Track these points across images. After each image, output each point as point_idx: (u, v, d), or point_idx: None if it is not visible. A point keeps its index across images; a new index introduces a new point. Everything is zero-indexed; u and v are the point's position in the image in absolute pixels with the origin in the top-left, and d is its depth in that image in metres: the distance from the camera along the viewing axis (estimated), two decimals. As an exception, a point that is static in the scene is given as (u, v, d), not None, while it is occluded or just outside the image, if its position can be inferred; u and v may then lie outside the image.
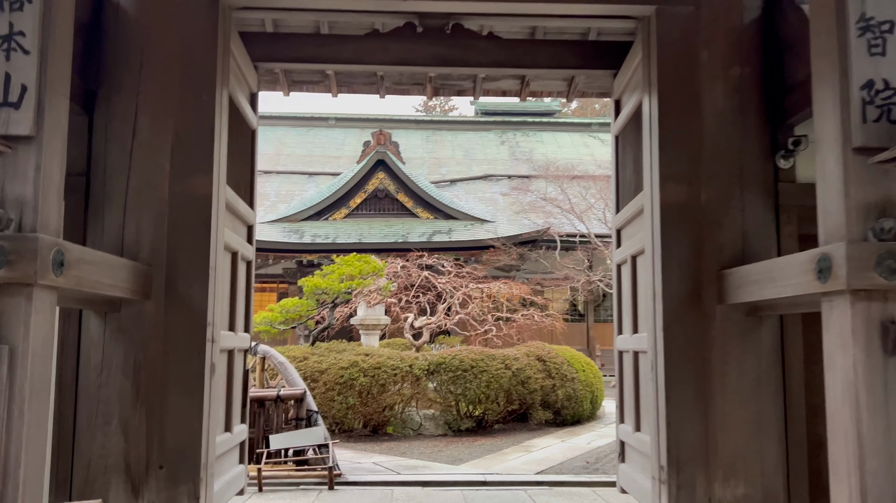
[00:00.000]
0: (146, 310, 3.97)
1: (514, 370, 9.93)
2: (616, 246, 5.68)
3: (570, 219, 19.46)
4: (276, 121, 29.87)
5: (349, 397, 9.18)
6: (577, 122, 30.57)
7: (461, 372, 9.67)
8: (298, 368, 9.49)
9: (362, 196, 20.44)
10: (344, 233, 18.99)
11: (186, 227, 4.12)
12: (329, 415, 9.28)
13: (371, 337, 12.94)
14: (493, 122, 30.17)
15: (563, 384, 10.45)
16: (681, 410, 4.14)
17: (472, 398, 9.61)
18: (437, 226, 19.80)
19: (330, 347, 10.11)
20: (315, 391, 9.30)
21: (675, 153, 4.31)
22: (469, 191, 24.30)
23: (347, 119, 29.51)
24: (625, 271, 5.34)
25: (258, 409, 7.08)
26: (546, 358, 10.51)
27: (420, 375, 9.58)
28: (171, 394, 4.00)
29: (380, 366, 9.44)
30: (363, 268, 10.03)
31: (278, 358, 7.71)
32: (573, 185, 20.15)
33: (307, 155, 27.19)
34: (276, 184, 24.73)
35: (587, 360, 11.58)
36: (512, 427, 10.28)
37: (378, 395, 9.33)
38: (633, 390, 5.01)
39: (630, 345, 5.07)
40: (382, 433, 9.70)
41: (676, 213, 4.26)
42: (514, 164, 26.50)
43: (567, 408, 10.53)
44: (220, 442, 4.52)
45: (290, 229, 19.23)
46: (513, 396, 9.94)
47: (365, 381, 9.24)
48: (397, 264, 12.41)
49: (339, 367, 9.37)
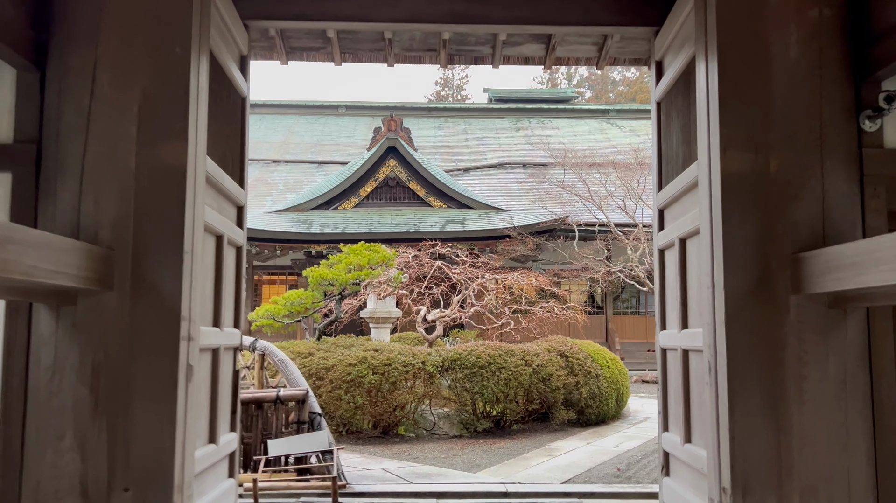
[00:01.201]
0: (107, 302, 3.33)
1: (534, 367, 9.25)
2: (658, 228, 4.96)
3: (588, 207, 18.74)
4: (284, 109, 29.31)
5: (357, 396, 8.54)
6: (594, 109, 29.76)
7: (478, 369, 9.01)
8: (303, 365, 8.86)
9: (373, 184, 19.79)
10: (354, 222, 18.35)
11: (157, 203, 3.46)
12: (336, 416, 8.65)
13: (381, 330, 12.30)
14: (507, 110, 29.43)
15: (587, 381, 9.76)
16: (748, 421, 3.44)
17: (489, 397, 8.94)
18: (450, 215, 19.12)
19: (337, 342, 9.47)
20: (321, 390, 8.67)
21: (738, 114, 3.60)
22: (483, 179, 23.61)
23: (358, 107, 28.86)
24: (670, 257, 4.63)
25: (256, 412, 6.45)
26: (568, 353, 9.82)
27: (433, 372, 8.92)
28: (137, 403, 3.35)
29: (390, 363, 8.78)
30: (372, 257, 9.38)
31: (278, 355, 7.07)
32: (591, 172, 19.43)
33: (316, 143, 26.58)
34: (285, 173, 24.13)
35: (611, 356, 10.88)
36: (532, 427, 9.61)
37: (388, 394, 8.68)
38: (681, 395, 4.32)
39: (678, 342, 4.37)
40: (393, 434, 9.05)
41: (741, 186, 3.56)
42: (530, 152, 25.78)
43: (591, 408, 9.84)
44: (202, 456, 3.87)
45: (298, 219, 18.61)
46: (533, 395, 9.26)
47: (374, 379, 8.60)
48: (409, 254, 11.74)
49: (346, 364, 8.72)
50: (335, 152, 25.16)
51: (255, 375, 7.28)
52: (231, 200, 4.57)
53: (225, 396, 4.44)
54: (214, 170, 4.02)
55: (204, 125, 3.78)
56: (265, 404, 6.52)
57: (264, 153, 25.48)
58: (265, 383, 7.30)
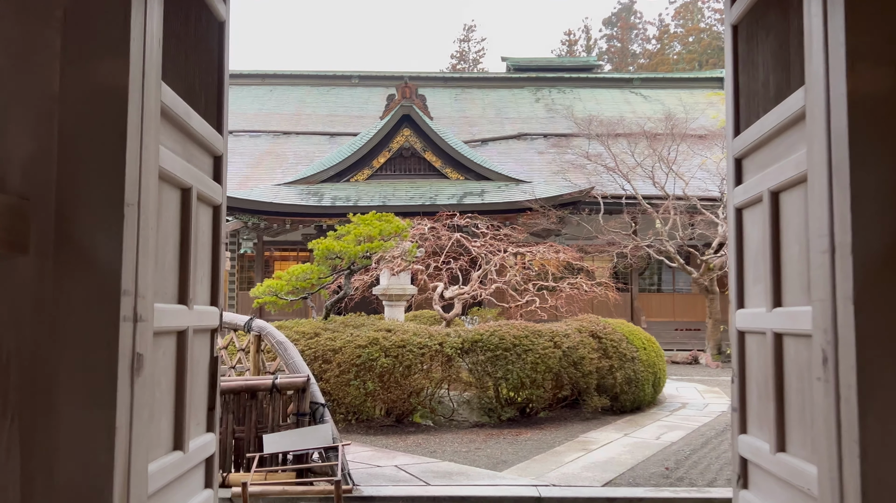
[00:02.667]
0: (19, 270, 2.46)
1: (564, 349, 8.37)
2: (734, 182, 4.00)
3: (614, 178, 17.71)
4: (296, 80, 28.41)
5: (368, 381, 7.71)
6: (617, 78, 28.56)
7: (501, 351, 8.14)
8: (308, 347, 8.04)
9: (386, 155, 18.86)
10: (366, 195, 17.47)
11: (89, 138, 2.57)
12: (344, 403, 7.83)
13: (395, 308, 11.46)
14: (527, 79, 28.32)
15: (622, 365, 8.88)
16: (886, 434, 2.54)
17: (514, 382, 8.07)
18: (467, 187, 18.18)
19: (346, 322, 8.63)
20: (327, 374, 7.84)
21: (872, 17, 2.65)
22: (502, 151, 22.61)
23: (371, 77, 27.87)
24: (754, 217, 3.69)
25: (249, 402, 5.62)
26: (601, 334, 8.92)
27: (452, 355, 8.06)
28: (62, 406, 2.48)
29: (404, 345, 7.93)
30: (384, 227, 8.50)
31: (276, 336, 6.23)
32: (617, 142, 18.39)
33: (329, 115, 25.66)
34: (296, 145, 23.27)
35: (647, 336, 9.98)
36: (561, 415, 8.75)
37: (402, 379, 7.83)
38: (771, 390, 3.39)
39: (766, 323, 3.44)
40: (408, 423, 8.23)
41: (876, 112, 2.61)
42: (551, 123, 24.72)
43: (626, 394, 8.97)
44: (162, 469, 3.01)
45: (308, 191, 17.76)
46: (563, 380, 8.39)
47: (387, 362, 7.75)
48: (424, 225, 10.84)
49: (355, 346, 7.88)
50: (348, 124, 24.23)
51: (250, 359, 6.45)
52: (203, 146, 3.66)
53: (198, 390, 3.57)
54: (175, 102, 3.11)
55: (157, 41, 2.86)
56: (260, 393, 5.69)
57: (275, 125, 24.63)
58: (262, 368, 6.48)
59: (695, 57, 53.28)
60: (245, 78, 28.48)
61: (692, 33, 57.09)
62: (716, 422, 8.58)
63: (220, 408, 5.90)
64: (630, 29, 64.76)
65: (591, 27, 76.81)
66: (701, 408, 9.83)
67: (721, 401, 10.50)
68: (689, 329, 20.77)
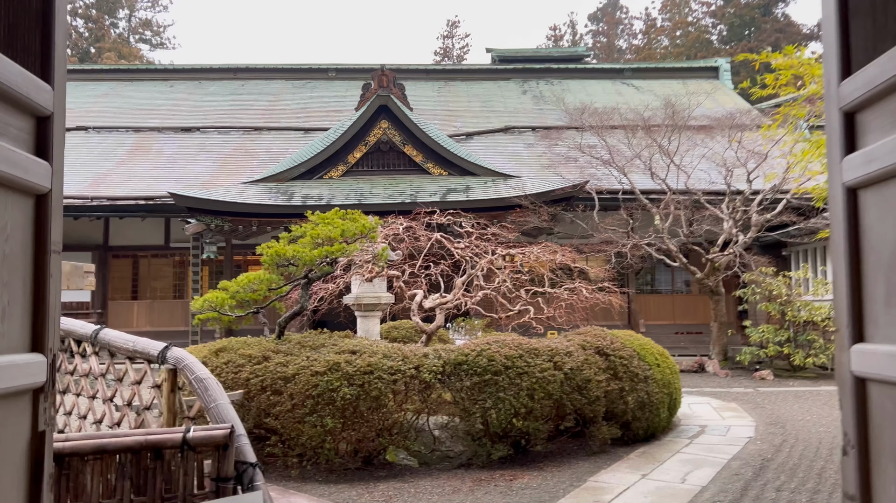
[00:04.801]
0: None
1: (566, 371, 6.94)
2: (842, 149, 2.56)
3: (610, 171, 16.32)
4: (269, 73, 26.89)
5: (326, 417, 6.24)
6: (608, 69, 27.20)
7: (491, 375, 6.69)
8: (254, 374, 6.57)
9: (362, 150, 17.37)
10: (341, 193, 15.99)
11: None
12: (298, 444, 6.36)
13: (369, 320, 9.99)
14: (514, 70, 26.90)
15: (634, 387, 7.46)
16: None
17: (506, 414, 6.63)
18: (451, 183, 16.73)
19: (303, 341, 7.16)
20: (277, 408, 6.37)
21: None
22: (488, 145, 21.18)
23: (350, 70, 26.38)
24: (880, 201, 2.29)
25: (153, 464, 4.14)
26: (609, 351, 7.50)
27: (431, 381, 6.61)
28: None
29: (372, 370, 6.47)
30: (347, 227, 7.05)
31: (196, 371, 4.77)
32: (611, 135, 17.00)
33: (303, 110, 24.13)
34: (268, 141, 21.73)
35: (660, 350, 8.57)
36: (563, 449, 7.33)
37: (370, 413, 6.37)
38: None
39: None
40: (379, 462, 6.77)
41: None
42: (539, 115, 23.32)
43: (639, 420, 7.55)
44: None
45: (277, 190, 16.25)
46: (566, 408, 6.96)
47: (350, 393, 6.29)
48: (398, 224, 9.39)
49: (312, 373, 6.41)
50: (324, 118, 22.71)
51: (163, 401, 5.00)
52: (11, 102, 2.18)
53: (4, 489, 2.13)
54: None
55: None
56: (167, 451, 4.20)
57: (247, 121, 23.09)
58: (180, 412, 5.03)
59: (682, 51, 52.10)
60: (215, 72, 26.92)
61: (679, 27, 55.92)
62: (747, 455, 7.19)
63: (115, 474, 4.46)
64: (616, 24, 63.57)
65: (576, 22, 75.60)
66: (723, 432, 8.45)
67: (742, 422, 9.12)
68: (691, 332, 19.45)
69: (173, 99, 24.96)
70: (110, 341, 5.61)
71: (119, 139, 21.73)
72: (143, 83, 26.27)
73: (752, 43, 49.75)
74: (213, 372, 6.89)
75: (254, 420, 6.55)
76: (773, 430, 8.53)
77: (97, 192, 17.75)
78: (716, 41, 53.27)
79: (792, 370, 14.87)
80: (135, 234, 19.46)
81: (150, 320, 19.01)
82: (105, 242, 19.45)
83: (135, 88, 25.79)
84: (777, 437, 8.09)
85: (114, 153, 20.59)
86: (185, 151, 20.94)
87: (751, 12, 50.59)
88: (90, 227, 19.10)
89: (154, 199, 17.34)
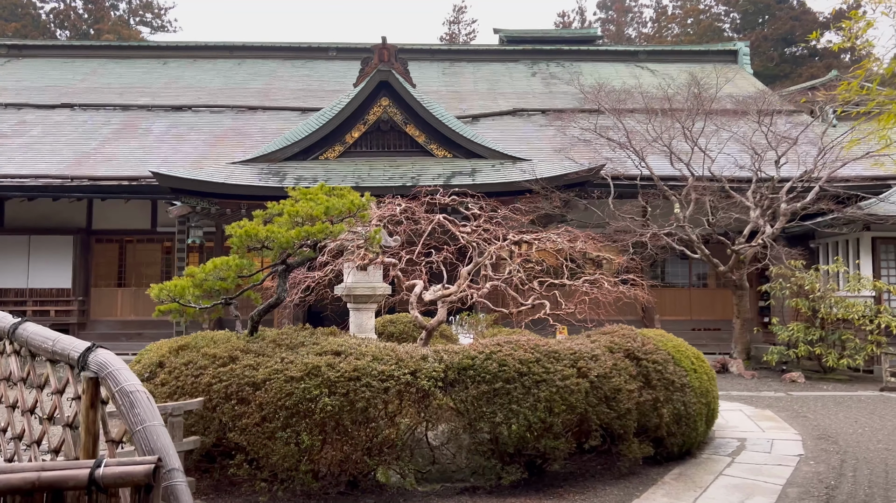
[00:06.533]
0: None
1: (592, 378, 5.81)
2: None
3: (628, 155, 15.15)
4: (266, 52, 25.70)
5: (302, 433, 5.13)
6: (621, 51, 25.93)
7: (502, 383, 5.57)
8: (218, 379, 5.46)
9: (361, 129, 16.17)
10: (337, 174, 14.82)
11: None
12: (269, 464, 5.24)
13: (363, 313, 8.88)
14: (522, 52, 25.64)
15: (670, 397, 6.34)
16: None
17: (520, 430, 5.51)
18: (456, 165, 15.54)
19: (278, 339, 6.04)
20: (244, 421, 5.27)
21: None
22: (495, 127, 19.98)
23: (351, 49, 25.16)
24: None
25: (47, 511, 3.03)
26: (640, 353, 6.37)
27: (430, 389, 5.49)
28: None
29: (359, 376, 5.35)
30: (332, 204, 5.91)
31: (123, 382, 3.64)
32: (627, 118, 15.83)
33: (302, 89, 22.94)
34: (263, 121, 20.58)
35: (695, 352, 7.44)
36: (586, 469, 6.21)
37: (355, 429, 5.25)
38: None
39: None
40: (368, 485, 5.66)
41: None
42: (549, 98, 22.09)
43: (674, 436, 6.44)
44: None
45: (269, 171, 15.09)
46: (591, 423, 5.83)
47: (331, 404, 5.18)
48: (396, 205, 8.23)
49: (286, 378, 5.30)
50: (323, 98, 21.49)
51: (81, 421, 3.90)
52: None
53: None
54: None
55: None
56: (69, 494, 3.10)
57: (241, 100, 21.90)
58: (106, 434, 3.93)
59: (693, 40, 50.59)
60: (211, 50, 25.70)
61: (691, 14, 54.44)
62: (804, 480, 6.07)
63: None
64: (625, 12, 62.05)
65: (585, 9, 73.99)
66: (767, 447, 7.33)
67: (785, 435, 8.01)
68: (709, 329, 18.29)
69: (166, 77, 23.76)
70: (29, 338, 4.50)
71: (106, 117, 20.56)
72: (135, 60, 25.07)
73: (767, 31, 48.33)
74: (171, 375, 5.78)
75: (216, 434, 5.44)
76: (824, 447, 7.39)
77: (78, 172, 16.61)
78: (728, 29, 51.80)
79: (822, 371, 13.73)
80: (120, 217, 18.33)
81: (134, 309, 17.91)
82: (88, 226, 18.32)
83: (126, 66, 24.59)
84: (832, 457, 6.96)
85: (99, 132, 19.43)
86: (175, 131, 19.77)
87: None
88: (72, 210, 17.98)
89: (139, 180, 16.19)
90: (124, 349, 14.74)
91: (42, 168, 16.80)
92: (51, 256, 17.83)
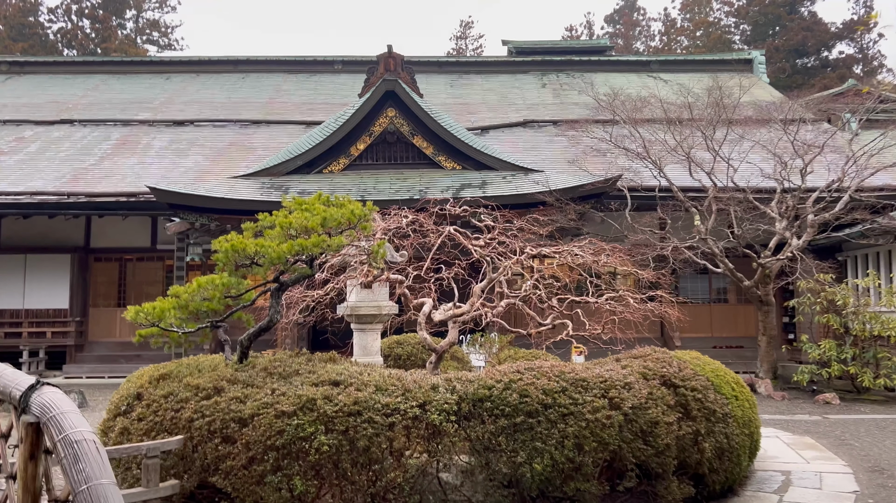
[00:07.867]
0: None
1: (626, 410, 5.11)
2: None
3: (646, 166, 14.50)
4: (271, 66, 25.25)
5: (295, 477, 4.45)
6: (633, 61, 25.33)
7: (524, 416, 4.89)
8: (200, 414, 4.79)
9: (366, 141, 15.61)
10: (342, 188, 14.23)
11: None
12: (256, 513, 4.56)
13: (368, 334, 8.22)
14: (532, 63, 25.11)
15: (712, 429, 5.63)
16: None
17: (545, 470, 4.81)
18: (466, 177, 14.94)
19: (270, 367, 5.39)
20: (229, 463, 4.59)
21: None
22: (505, 139, 19.38)
23: (357, 62, 24.66)
24: None
25: None
26: (677, 380, 5.67)
27: (441, 424, 4.81)
28: None
29: (360, 410, 4.68)
30: (330, 215, 5.28)
31: (66, 428, 3.00)
32: (642, 128, 15.20)
33: (307, 103, 22.43)
34: (266, 135, 20.04)
35: (735, 378, 6.74)
36: (619, 514, 5.50)
37: (356, 473, 4.57)
38: None
39: None
40: (371, 533, 4.96)
41: None
42: (560, 109, 21.49)
43: (716, 472, 5.71)
44: None
45: (271, 185, 14.52)
46: (624, 460, 5.12)
47: (328, 443, 4.51)
48: (402, 216, 7.59)
49: (276, 413, 4.63)
50: (328, 112, 20.95)
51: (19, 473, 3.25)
52: None
53: None
54: None
55: None
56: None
57: (245, 114, 21.40)
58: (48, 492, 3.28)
59: (703, 52, 50.12)
60: (214, 65, 25.29)
61: (700, 26, 53.93)
62: (867, 523, 5.34)
63: None
64: (633, 25, 61.65)
65: (593, 22, 73.54)
66: (815, 482, 6.59)
67: (833, 466, 7.26)
68: (731, 346, 17.51)
69: (168, 91, 23.32)
70: (-29, 372, 3.85)
71: (106, 132, 20.08)
72: (138, 76, 24.66)
73: (778, 42, 47.72)
74: (149, 408, 5.11)
75: (198, 477, 4.77)
76: (881, 482, 6.65)
77: (75, 188, 16.09)
78: (738, 41, 51.23)
79: (856, 391, 12.94)
80: (119, 234, 17.78)
81: (133, 330, 17.26)
82: (86, 244, 17.78)
83: (129, 81, 24.18)
84: (893, 494, 6.22)
85: (98, 147, 18.93)
86: (176, 146, 19.26)
87: (776, 10, 48.49)
88: (69, 227, 17.44)
89: (137, 196, 15.65)
90: (123, 372, 14.06)
91: (38, 185, 16.29)
92: (48, 276, 17.27)
